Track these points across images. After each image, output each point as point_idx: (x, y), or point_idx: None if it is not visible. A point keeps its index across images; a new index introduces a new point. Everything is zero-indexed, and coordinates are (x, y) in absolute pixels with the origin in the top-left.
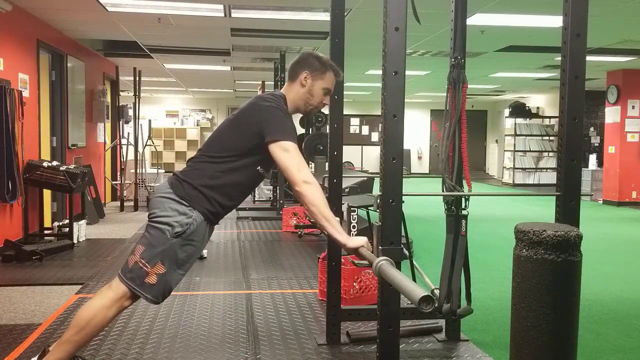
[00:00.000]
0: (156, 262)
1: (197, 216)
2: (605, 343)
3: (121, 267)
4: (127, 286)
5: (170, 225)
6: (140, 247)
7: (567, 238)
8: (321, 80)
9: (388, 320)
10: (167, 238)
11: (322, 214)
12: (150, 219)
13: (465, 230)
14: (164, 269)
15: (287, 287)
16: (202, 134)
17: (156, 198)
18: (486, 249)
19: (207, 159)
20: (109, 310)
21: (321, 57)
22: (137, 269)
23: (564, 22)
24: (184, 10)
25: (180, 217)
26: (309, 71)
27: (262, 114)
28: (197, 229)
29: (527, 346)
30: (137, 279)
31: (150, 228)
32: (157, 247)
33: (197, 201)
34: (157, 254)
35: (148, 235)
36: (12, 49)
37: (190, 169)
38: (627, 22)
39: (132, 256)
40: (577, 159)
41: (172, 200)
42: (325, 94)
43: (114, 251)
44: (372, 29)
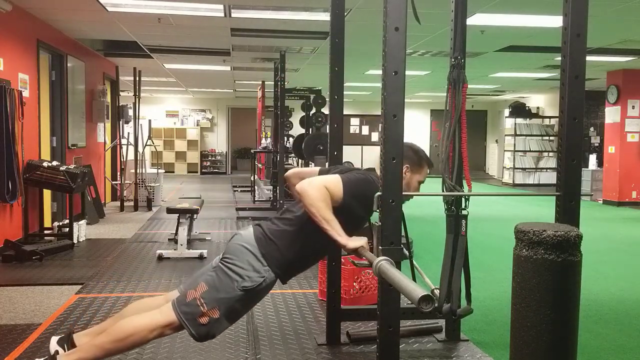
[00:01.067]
0: (214, 306)
1: (269, 276)
2: (605, 343)
3: (177, 297)
4: (178, 317)
5: (242, 277)
6: (204, 285)
7: (567, 238)
8: (418, 174)
9: (388, 320)
10: (233, 288)
11: (322, 216)
12: (223, 262)
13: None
14: (218, 315)
15: (287, 287)
16: (202, 134)
17: (238, 245)
18: (486, 249)
19: (296, 221)
20: (150, 333)
21: (418, 151)
22: (194, 306)
23: (564, 22)
24: (184, 10)
25: (254, 273)
26: (409, 165)
27: (350, 173)
28: (264, 289)
29: (527, 346)
30: (190, 314)
31: (220, 271)
32: (220, 292)
33: (276, 263)
34: (217, 299)
35: (216, 277)
36: (12, 49)
37: (277, 228)
38: (627, 22)
39: (193, 291)
40: (577, 159)
41: (253, 254)
42: (419, 185)
43: (114, 251)
44: (372, 29)
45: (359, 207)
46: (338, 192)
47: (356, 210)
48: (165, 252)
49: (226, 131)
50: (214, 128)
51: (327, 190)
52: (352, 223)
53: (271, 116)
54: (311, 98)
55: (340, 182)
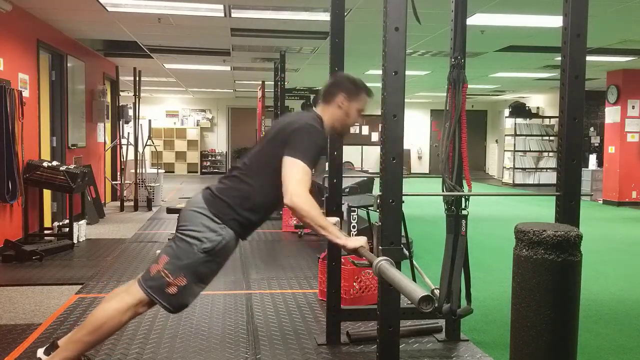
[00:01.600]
0: (179, 274)
1: (227, 234)
2: (605, 343)
3: (142, 274)
4: (146, 293)
5: (199, 240)
6: (165, 257)
7: (567, 238)
8: (356, 102)
9: (388, 320)
10: (194, 252)
11: (317, 224)
12: (179, 231)
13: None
14: (185, 282)
15: (287, 287)
16: (202, 134)
17: (189, 211)
18: (486, 249)
19: (242, 177)
20: (124, 314)
21: (355, 80)
22: (159, 278)
23: (564, 22)
24: (184, 10)
25: (211, 233)
26: (346, 94)
27: (295, 131)
28: (225, 247)
29: (527, 346)
30: (158, 287)
31: (178, 240)
32: (182, 259)
33: (230, 219)
34: (181, 267)
35: (175, 246)
36: (12, 49)
37: (225, 187)
38: (627, 22)
39: (155, 265)
40: (577, 159)
41: (205, 216)
42: (360, 114)
43: (114, 251)
44: (372, 29)
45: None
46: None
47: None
48: None
49: (226, 131)
50: (214, 128)
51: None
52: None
53: (271, 116)
54: (311, 98)
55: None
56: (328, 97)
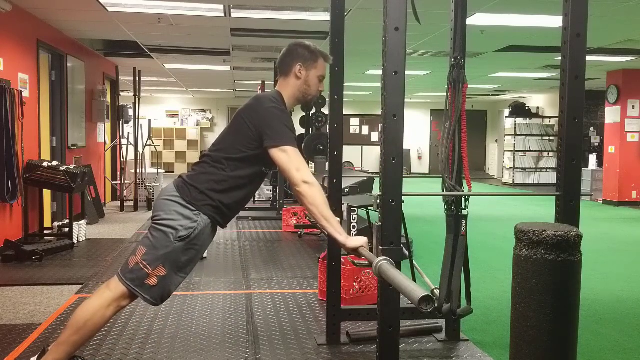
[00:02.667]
0: (158, 265)
1: (202, 220)
2: (605, 343)
3: (120, 267)
4: (127, 286)
5: (174, 228)
6: (142, 248)
7: (567, 238)
8: (314, 69)
9: (388, 320)
10: (170, 241)
11: (322, 214)
12: (154, 221)
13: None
14: (165, 272)
15: (287, 287)
16: (202, 134)
17: (161, 200)
18: (486, 249)
19: (212, 162)
20: (106, 310)
21: (309, 46)
22: (138, 270)
23: (564, 22)
24: (184, 10)
25: (185, 221)
26: (302, 62)
27: (262, 117)
28: (201, 234)
29: (527, 346)
30: (137, 279)
31: (153, 230)
32: (159, 249)
33: (204, 205)
34: (159, 257)
35: (151, 237)
36: (12, 49)
37: (196, 173)
38: (627, 22)
39: (133, 257)
40: (577, 159)
41: (178, 204)
42: (320, 80)
43: (114, 251)
44: (372, 29)
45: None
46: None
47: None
48: None
49: None
50: (214, 128)
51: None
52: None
53: None
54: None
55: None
56: (285, 68)
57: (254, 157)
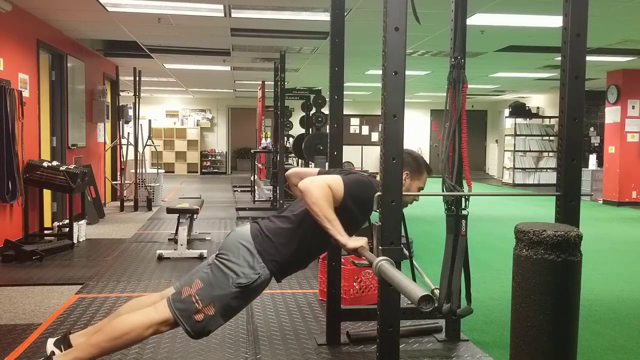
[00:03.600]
0: (209, 303)
1: (265, 273)
2: (605, 343)
3: (172, 294)
4: (173, 314)
5: (237, 274)
6: (199, 282)
7: (567, 238)
8: (418, 180)
9: (388, 320)
10: (228, 285)
11: (324, 214)
12: (219, 258)
13: (465, 230)
14: (213, 312)
15: (287, 287)
16: (202, 134)
17: (234, 242)
18: (486, 249)
19: (294, 219)
20: (146, 330)
21: (418, 158)
22: (189, 303)
23: (564, 22)
24: (184, 10)
25: (249, 270)
26: (409, 172)
27: (351, 175)
28: (259, 285)
29: (527, 346)
30: (185, 311)
31: (215, 268)
32: (215, 289)
33: (271, 259)
34: (212, 297)
35: (211, 274)
36: (12, 49)
37: (274, 226)
38: (627, 22)
39: (189, 288)
40: (577, 159)
41: (249, 251)
42: (418, 191)
43: (114, 251)
44: (372, 29)
45: (357, 209)
46: (339, 191)
47: (354, 212)
48: (165, 252)
49: (226, 131)
50: (214, 128)
51: (329, 189)
52: (349, 225)
53: (271, 116)
54: (311, 98)
55: (342, 182)
56: None
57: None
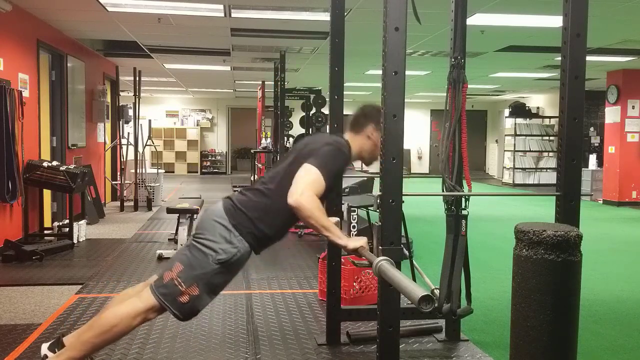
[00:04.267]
0: (192, 284)
1: (243, 247)
2: (605, 343)
3: (154, 280)
4: (158, 300)
5: (215, 251)
6: (179, 264)
7: (567, 238)
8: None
9: (388, 320)
10: (209, 263)
11: (321, 224)
12: (196, 239)
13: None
14: (197, 292)
15: (287, 287)
16: (202, 134)
17: (208, 220)
18: (486, 249)
19: (266, 192)
20: (133, 319)
21: (381, 108)
22: (172, 286)
23: (564, 22)
24: (184, 10)
25: (227, 245)
26: (375, 125)
27: (321, 147)
28: (240, 259)
29: (527, 346)
30: (170, 295)
31: (193, 248)
32: (196, 269)
33: (248, 232)
34: (194, 276)
35: (190, 254)
36: (12, 49)
37: (246, 199)
38: (627, 22)
39: (169, 272)
40: (577, 159)
41: (224, 227)
42: None
43: (114, 251)
44: (372, 29)
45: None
46: (322, 187)
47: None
48: (165, 252)
49: (226, 131)
50: (214, 128)
51: (316, 195)
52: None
53: (271, 116)
54: (311, 98)
55: (321, 176)
56: (357, 127)
57: None
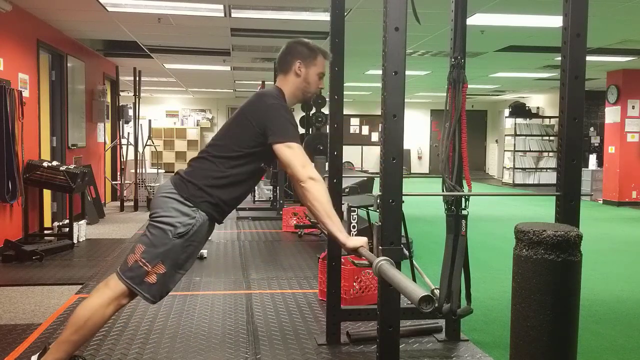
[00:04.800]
0: (157, 262)
1: (200, 216)
2: (605, 343)
3: (119, 266)
4: (126, 284)
5: (172, 225)
6: (140, 246)
7: (567, 238)
8: (314, 66)
9: (388, 320)
10: (169, 238)
11: (325, 211)
12: (151, 219)
13: (465, 230)
14: (164, 269)
15: (287, 287)
16: (202, 134)
17: (159, 197)
18: (486, 249)
19: (211, 159)
20: (106, 308)
21: (308, 43)
22: (137, 268)
23: (564, 22)
24: (184, 10)
25: (183, 217)
26: (301, 60)
27: (265, 113)
28: (199, 230)
29: (527, 346)
30: (137, 277)
31: (151, 227)
32: (158, 247)
33: (202, 201)
34: (158, 254)
35: (149, 234)
36: (12, 49)
37: (193, 169)
38: (627, 22)
39: (132, 255)
40: (577, 159)
41: (176, 200)
42: (320, 78)
43: (114, 251)
44: (372, 29)
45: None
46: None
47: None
48: None
49: None
50: (214, 128)
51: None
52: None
53: None
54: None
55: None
56: (284, 66)
57: (254, 154)
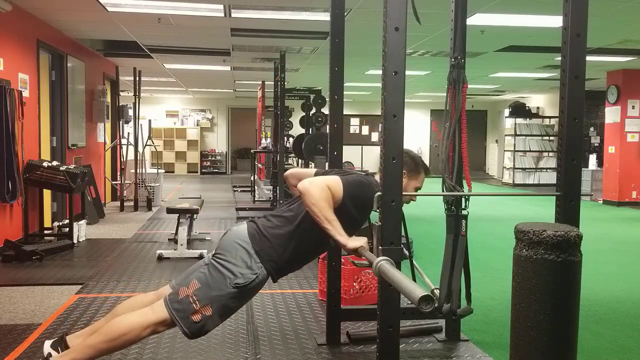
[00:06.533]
0: (206, 304)
1: (262, 273)
2: (605, 343)
3: (169, 294)
4: (171, 315)
5: (234, 274)
6: (196, 282)
7: (567, 238)
8: (415, 180)
9: (388, 320)
10: (226, 285)
11: (324, 215)
12: (215, 258)
13: (465, 230)
14: (210, 312)
15: (287, 287)
16: (202, 134)
17: (231, 242)
18: (486, 249)
19: (290, 218)
20: (143, 330)
21: (415, 157)
22: (186, 303)
23: (564, 22)
24: (184, 10)
25: (247, 270)
26: (406, 170)
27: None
28: (256, 286)
29: (527, 346)
30: (183, 312)
31: (212, 268)
32: (213, 289)
33: (269, 260)
34: (210, 297)
35: (208, 274)
36: (12, 49)
37: (271, 225)
38: (627, 22)
39: (185, 288)
40: (577, 159)
41: (246, 251)
42: (415, 191)
43: (114, 251)
44: (372, 29)
45: (356, 210)
46: (338, 192)
47: (353, 212)
48: (165, 252)
49: (226, 131)
50: (214, 128)
51: (329, 190)
52: (348, 225)
53: (271, 116)
54: (311, 98)
55: (341, 183)
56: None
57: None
